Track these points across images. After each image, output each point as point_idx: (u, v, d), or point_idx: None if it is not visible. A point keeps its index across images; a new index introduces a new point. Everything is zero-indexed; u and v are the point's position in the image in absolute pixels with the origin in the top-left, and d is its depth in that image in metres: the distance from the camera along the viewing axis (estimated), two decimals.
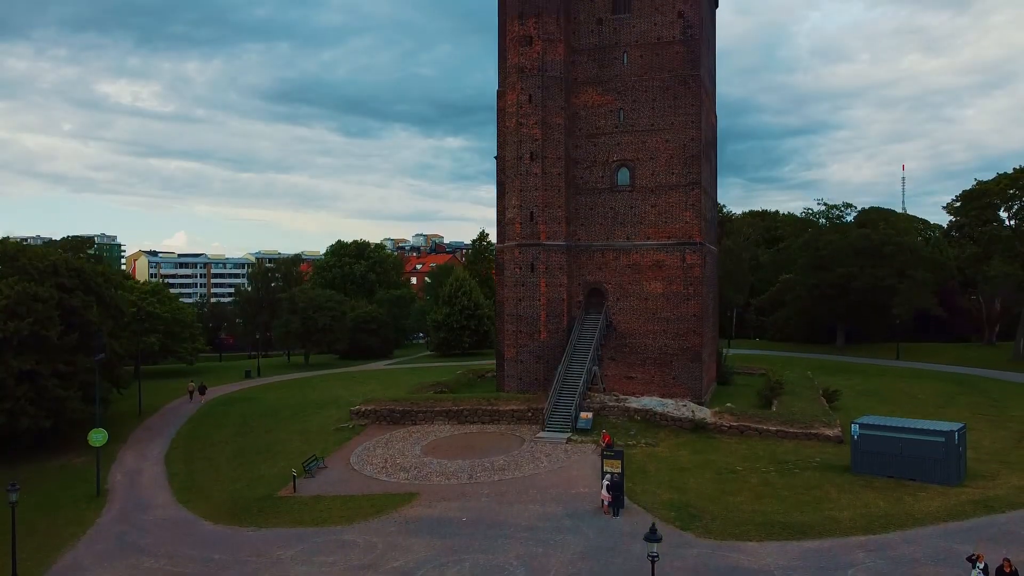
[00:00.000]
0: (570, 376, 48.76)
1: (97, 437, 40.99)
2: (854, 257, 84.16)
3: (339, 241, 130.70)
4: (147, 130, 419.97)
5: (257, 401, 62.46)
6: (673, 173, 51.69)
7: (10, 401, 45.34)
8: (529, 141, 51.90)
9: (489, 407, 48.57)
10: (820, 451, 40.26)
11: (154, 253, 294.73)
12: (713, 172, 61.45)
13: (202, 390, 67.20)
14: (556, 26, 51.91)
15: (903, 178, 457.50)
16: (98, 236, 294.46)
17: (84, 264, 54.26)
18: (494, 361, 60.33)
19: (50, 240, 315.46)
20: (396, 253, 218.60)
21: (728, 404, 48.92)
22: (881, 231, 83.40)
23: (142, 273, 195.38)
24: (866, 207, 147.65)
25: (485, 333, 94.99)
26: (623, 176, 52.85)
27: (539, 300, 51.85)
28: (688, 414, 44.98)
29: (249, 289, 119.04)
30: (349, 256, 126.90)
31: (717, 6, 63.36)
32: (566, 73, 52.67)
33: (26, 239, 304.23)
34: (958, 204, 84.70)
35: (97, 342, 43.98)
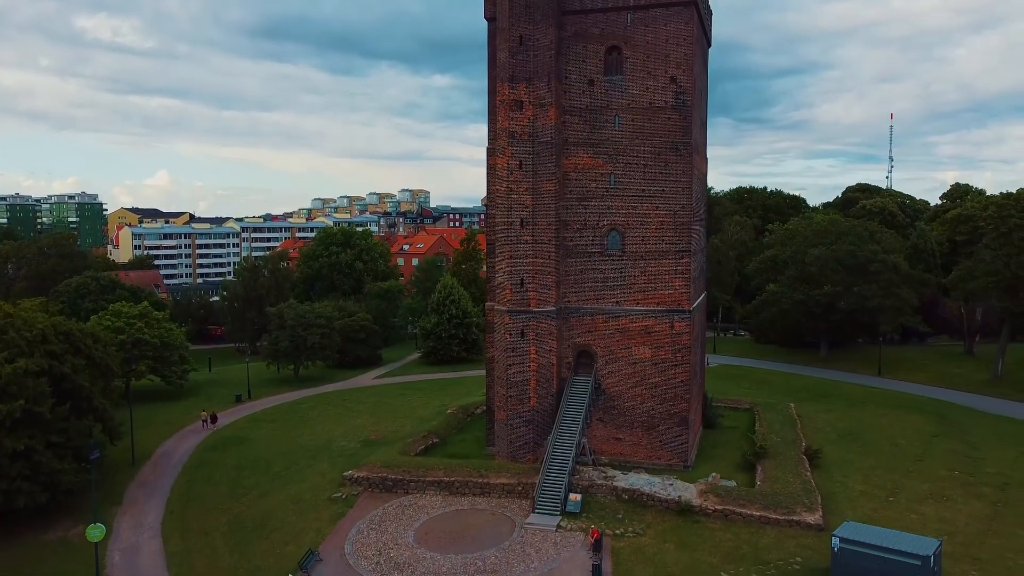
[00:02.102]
0: (559, 448, 49.62)
1: (95, 533, 41.55)
2: (840, 271, 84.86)
3: (326, 228, 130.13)
4: (127, 67, 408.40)
5: (249, 444, 63.06)
6: (663, 240, 51.67)
7: (5, 481, 45.80)
8: (519, 207, 51.57)
9: (480, 479, 49.48)
10: (801, 545, 41.51)
11: (136, 211, 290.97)
12: (702, 223, 61.38)
13: (213, 419, 68.94)
14: (547, 90, 51.00)
15: (891, 127, 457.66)
16: (79, 195, 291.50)
17: (73, 327, 54.04)
18: (483, 371, 60.63)
19: (29, 199, 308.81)
20: (383, 231, 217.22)
21: (713, 475, 50.13)
22: (868, 249, 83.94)
23: (126, 245, 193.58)
24: (852, 185, 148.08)
25: (474, 341, 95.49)
26: (613, 240, 52.76)
27: (529, 366, 52.27)
28: (675, 495, 46.07)
29: (236, 281, 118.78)
30: (336, 245, 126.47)
31: (710, 46, 62.32)
32: (557, 136, 52.02)
33: (4, 199, 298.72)
34: (945, 214, 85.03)
35: (92, 444, 44.33)
